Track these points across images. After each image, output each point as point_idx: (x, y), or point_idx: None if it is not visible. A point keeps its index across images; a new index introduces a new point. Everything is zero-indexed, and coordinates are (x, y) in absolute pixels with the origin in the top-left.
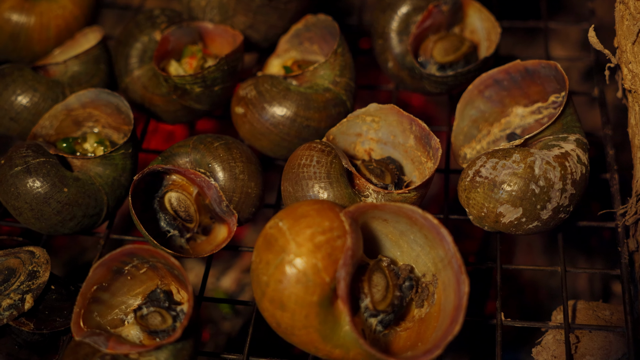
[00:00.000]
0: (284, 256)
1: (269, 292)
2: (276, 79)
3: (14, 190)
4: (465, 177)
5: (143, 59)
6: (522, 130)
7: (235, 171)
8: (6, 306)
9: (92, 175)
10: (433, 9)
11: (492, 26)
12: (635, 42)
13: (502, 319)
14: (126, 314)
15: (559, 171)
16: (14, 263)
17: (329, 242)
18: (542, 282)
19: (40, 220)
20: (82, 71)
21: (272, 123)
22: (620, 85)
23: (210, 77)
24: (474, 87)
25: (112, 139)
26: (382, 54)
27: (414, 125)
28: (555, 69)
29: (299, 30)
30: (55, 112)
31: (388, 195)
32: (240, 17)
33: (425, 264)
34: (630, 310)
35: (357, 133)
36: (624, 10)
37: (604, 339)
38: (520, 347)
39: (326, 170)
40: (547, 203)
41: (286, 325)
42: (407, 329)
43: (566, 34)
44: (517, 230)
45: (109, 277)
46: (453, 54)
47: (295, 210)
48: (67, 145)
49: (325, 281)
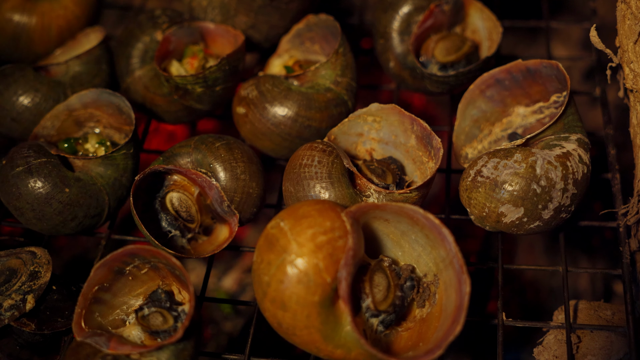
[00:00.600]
0: (285, 256)
1: (270, 292)
2: (277, 79)
3: (16, 190)
4: (466, 177)
5: (144, 59)
6: (523, 130)
7: (237, 171)
8: (7, 306)
9: (94, 176)
10: (434, 9)
11: (493, 26)
12: (637, 42)
13: (503, 318)
14: (127, 315)
15: (561, 171)
16: (15, 263)
17: (331, 242)
18: (543, 281)
19: (42, 220)
20: (84, 71)
21: (273, 123)
22: (622, 85)
23: (211, 77)
24: (475, 87)
25: (113, 139)
26: (384, 54)
27: (415, 125)
28: (557, 68)
29: (301, 30)
30: (56, 113)
31: (389, 195)
32: (241, 17)
33: (427, 264)
34: (632, 310)
35: (358, 133)
36: (625, 9)
37: (606, 338)
38: (521, 347)
39: (327, 170)
40: (549, 203)
41: (287, 326)
42: (408, 329)
43: (568, 34)
44: (519, 230)
45: (111, 277)
46: (454, 54)
47: (297, 210)
48: (68, 145)
49: (327, 281)
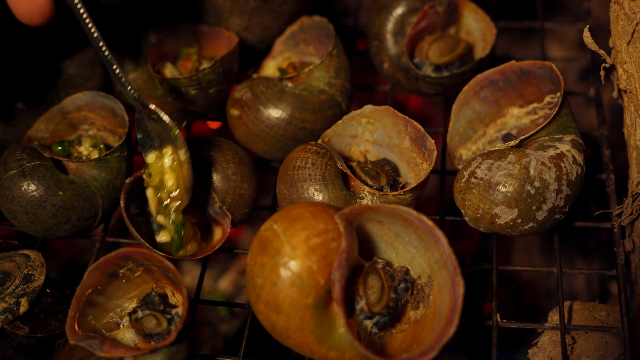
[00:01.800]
0: (278, 259)
1: (263, 295)
2: (271, 81)
3: (9, 193)
4: (460, 178)
5: (138, 61)
6: (517, 131)
7: (228, 172)
8: (1, 310)
9: (87, 178)
10: (428, 10)
11: (487, 27)
12: (630, 42)
13: (498, 320)
14: (121, 317)
15: (555, 172)
16: (9, 266)
17: (324, 244)
18: (538, 282)
19: (35, 223)
20: (77, 74)
21: (267, 125)
22: (616, 86)
23: (205, 80)
24: (469, 88)
25: (107, 142)
26: (378, 55)
27: (409, 127)
28: (551, 69)
29: (295, 32)
30: (50, 115)
31: (383, 197)
32: (235, 19)
33: (421, 265)
34: (627, 310)
35: (352, 135)
36: (618, 10)
37: (600, 339)
38: (516, 348)
39: (321, 172)
40: (543, 204)
41: (281, 328)
42: (402, 331)
43: (562, 34)
44: (513, 231)
45: (104, 280)
46: (448, 55)
47: (290, 212)
48: (62, 148)
49: (320, 283)
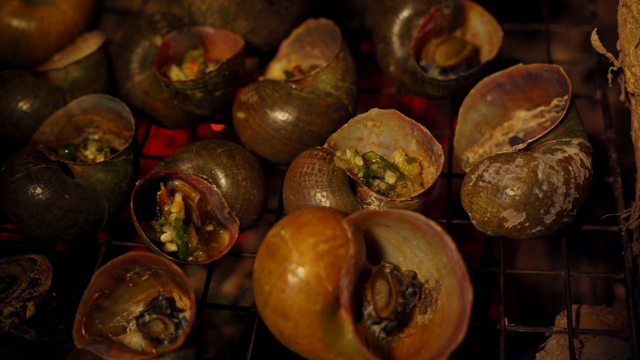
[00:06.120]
0: (286, 265)
1: (271, 301)
2: (278, 84)
3: (15, 197)
4: (468, 181)
5: (144, 64)
6: (524, 134)
7: (238, 178)
8: (8, 314)
9: (94, 182)
10: (435, 13)
11: (493, 29)
12: (638, 46)
13: (505, 324)
14: (128, 322)
15: (563, 175)
16: (15, 271)
17: (332, 250)
18: (545, 286)
19: (42, 227)
20: (83, 77)
21: (273, 128)
22: (623, 89)
23: (211, 82)
24: (476, 91)
25: (113, 145)
26: (384, 58)
27: (415, 130)
28: (558, 72)
29: (301, 35)
30: (56, 118)
31: (390, 203)
32: (241, 21)
33: (429, 269)
34: (635, 314)
35: (358, 138)
36: (626, 13)
37: (608, 343)
38: (524, 352)
39: (328, 178)
40: (551, 207)
41: (289, 334)
42: (410, 336)
43: (568, 37)
44: (521, 234)
45: (111, 284)
46: (455, 58)
47: (298, 218)
48: (68, 151)
49: (328, 290)
